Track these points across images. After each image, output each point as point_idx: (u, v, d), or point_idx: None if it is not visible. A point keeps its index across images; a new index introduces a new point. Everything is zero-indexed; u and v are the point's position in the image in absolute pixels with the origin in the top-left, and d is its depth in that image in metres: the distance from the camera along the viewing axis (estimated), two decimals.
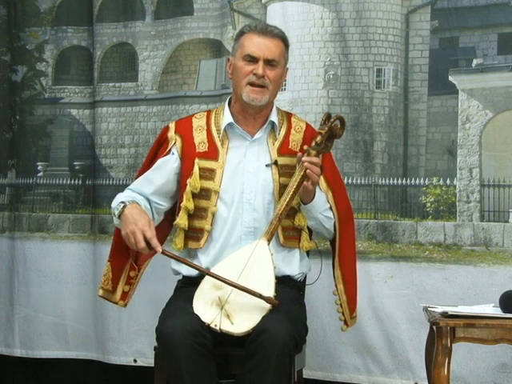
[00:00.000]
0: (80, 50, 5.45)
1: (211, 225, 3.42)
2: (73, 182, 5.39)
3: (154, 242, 3.23)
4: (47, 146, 5.48)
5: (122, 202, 3.34)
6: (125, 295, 3.61)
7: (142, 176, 3.53)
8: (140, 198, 3.45)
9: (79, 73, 5.47)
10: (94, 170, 5.30)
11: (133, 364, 5.06)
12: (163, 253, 3.24)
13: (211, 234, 3.42)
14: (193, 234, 3.45)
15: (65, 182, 5.40)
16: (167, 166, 3.50)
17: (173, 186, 3.51)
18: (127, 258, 3.57)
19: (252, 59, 3.39)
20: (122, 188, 5.10)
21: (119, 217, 3.32)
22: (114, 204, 3.41)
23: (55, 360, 5.26)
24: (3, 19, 5.51)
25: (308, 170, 3.27)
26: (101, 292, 3.62)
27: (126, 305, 3.63)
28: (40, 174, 5.45)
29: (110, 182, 5.26)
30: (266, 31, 3.41)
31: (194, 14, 5.16)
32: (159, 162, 3.51)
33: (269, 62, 3.38)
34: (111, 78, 5.36)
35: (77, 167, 5.41)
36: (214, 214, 3.41)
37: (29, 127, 5.48)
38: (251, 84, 3.38)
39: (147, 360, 4.85)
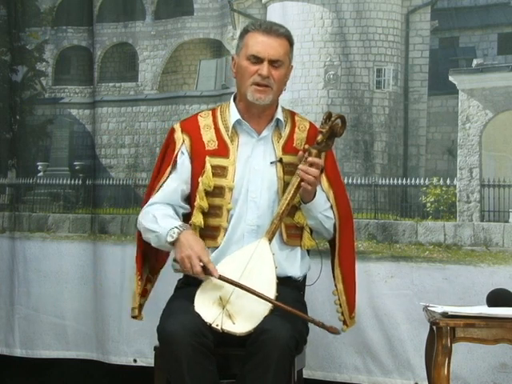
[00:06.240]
0: (80, 50, 5.45)
1: (227, 222, 3.40)
2: (73, 181, 5.38)
3: (211, 266, 3.20)
4: (47, 145, 5.48)
5: (176, 228, 3.26)
6: (141, 308, 3.56)
7: (166, 184, 3.45)
8: (172, 212, 3.39)
9: (79, 73, 5.47)
10: (94, 169, 5.30)
11: (133, 364, 5.06)
12: (220, 278, 3.20)
13: (227, 231, 3.40)
14: (209, 233, 3.41)
15: (65, 182, 5.40)
16: (184, 168, 3.45)
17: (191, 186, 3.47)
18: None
19: (257, 59, 3.36)
20: (122, 188, 5.22)
21: (172, 243, 3.27)
22: (153, 227, 3.33)
23: (55, 360, 5.26)
24: (3, 19, 5.50)
25: (302, 177, 3.26)
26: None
27: (142, 317, 3.56)
28: (40, 173, 5.45)
29: (110, 182, 5.25)
30: (271, 30, 3.37)
31: (194, 14, 5.15)
32: (178, 165, 3.45)
33: (273, 62, 3.36)
34: (111, 78, 5.36)
35: (77, 167, 5.41)
36: (229, 211, 3.39)
37: (29, 127, 5.48)
38: (256, 84, 3.37)
39: (147, 360, 4.84)
